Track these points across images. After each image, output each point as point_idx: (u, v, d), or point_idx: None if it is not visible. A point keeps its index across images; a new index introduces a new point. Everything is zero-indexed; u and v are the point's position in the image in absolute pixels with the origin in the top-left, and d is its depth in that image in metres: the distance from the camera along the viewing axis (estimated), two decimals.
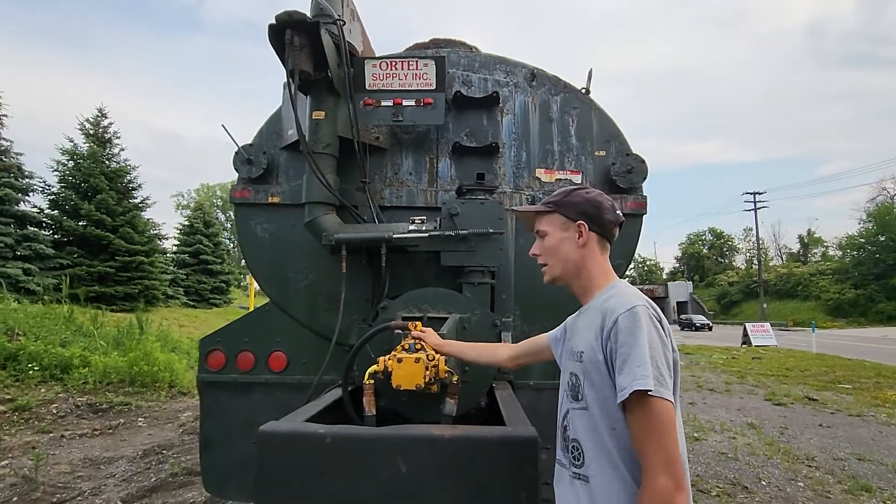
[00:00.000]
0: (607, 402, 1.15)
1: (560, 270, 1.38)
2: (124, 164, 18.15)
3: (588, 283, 1.35)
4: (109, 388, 7.52)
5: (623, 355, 1.11)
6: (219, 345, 2.92)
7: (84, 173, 16.53)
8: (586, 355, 1.21)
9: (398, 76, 2.77)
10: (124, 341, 9.13)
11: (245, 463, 2.72)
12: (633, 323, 1.13)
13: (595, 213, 1.35)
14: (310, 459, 1.48)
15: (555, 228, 1.38)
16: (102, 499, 4.04)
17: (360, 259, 2.79)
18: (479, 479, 1.44)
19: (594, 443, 1.17)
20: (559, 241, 1.37)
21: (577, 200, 1.36)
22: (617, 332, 1.14)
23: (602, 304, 1.25)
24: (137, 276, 16.62)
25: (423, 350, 1.74)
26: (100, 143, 17.74)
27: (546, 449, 1.54)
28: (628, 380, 1.08)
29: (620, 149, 2.96)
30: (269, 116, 3.07)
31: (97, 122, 18.07)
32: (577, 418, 1.22)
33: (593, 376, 1.18)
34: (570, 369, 1.28)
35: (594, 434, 1.17)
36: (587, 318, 1.29)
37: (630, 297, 1.21)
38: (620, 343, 1.12)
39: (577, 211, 1.35)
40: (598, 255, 1.36)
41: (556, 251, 1.37)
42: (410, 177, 2.97)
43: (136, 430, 6.19)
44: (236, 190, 2.96)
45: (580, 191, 1.40)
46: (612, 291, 1.28)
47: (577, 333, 1.31)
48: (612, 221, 1.36)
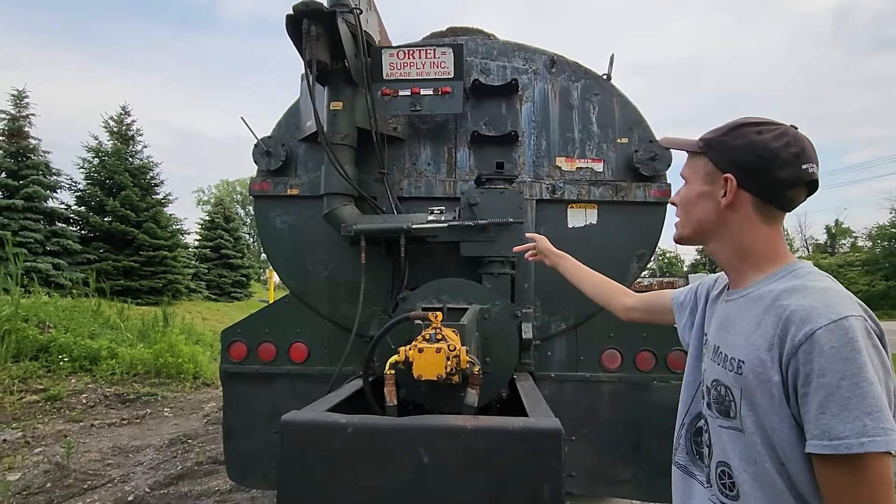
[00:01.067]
0: (776, 433, 0.87)
1: (691, 231, 1.08)
2: (147, 161, 18.51)
3: (741, 260, 1.02)
4: (136, 379, 7.72)
5: (825, 389, 0.79)
6: (240, 336, 2.96)
7: (109, 170, 16.93)
8: (749, 368, 0.90)
9: (416, 65, 2.74)
10: (149, 334, 9.36)
11: (267, 452, 2.76)
12: (845, 343, 0.79)
13: (758, 166, 0.96)
14: (331, 449, 1.48)
15: (696, 176, 1.05)
16: (131, 486, 4.15)
17: (379, 250, 2.79)
18: (501, 470, 1.42)
19: (752, 475, 0.90)
20: (697, 195, 1.04)
21: (739, 144, 0.98)
22: (813, 353, 0.81)
23: (776, 299, 0.90)
24: (161, 271, 16.99)
25: (444, 340, 1.73)
26: (123, 141, 18.13)
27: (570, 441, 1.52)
28: (850, 430, 0.76)
29: (643, 136, 2.89)
30: (287, 108, 3.07)
31: (121, 119, 18.47)
32: (726, 438, 0.96)
33: (758, 397, 0.89)
34: (717, 376, 0.99)
35: (754, 465, 0.90)
36: (747, 310, 0.97)
37: (834, 298, 0.86)
38: (820, 370, 0.80)
39: (731, 159, 0.99)
40: (756, 225, 0.99)
41: (692, 207, 1.06)
42: (429, 167, 2.95)
43: (162, 420, 6.34)
44: (255, 182, 2.97)
45: (751, 128, 0.99)
46: (792, 281, 0.93)
47: (734, 331, 0.98)
48: (787, 181, 0.95)
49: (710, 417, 1.02)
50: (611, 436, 2.71)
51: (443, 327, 1.78)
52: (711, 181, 1.02)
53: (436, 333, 1.75)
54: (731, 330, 0.99)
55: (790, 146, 0.95)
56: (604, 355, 2.79)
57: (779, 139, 0.95)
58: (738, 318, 0.98)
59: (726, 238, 1.03)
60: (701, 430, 1.08)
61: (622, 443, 2.71)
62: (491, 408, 2.49)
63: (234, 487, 4.00)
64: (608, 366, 2.78)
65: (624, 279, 2.84)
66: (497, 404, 2.53)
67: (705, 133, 1.06)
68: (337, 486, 1.45)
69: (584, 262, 2.78)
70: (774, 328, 0.87)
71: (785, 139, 0.95)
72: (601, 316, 2.82)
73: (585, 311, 2.81)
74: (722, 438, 0.97)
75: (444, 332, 1.77)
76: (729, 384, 0.95)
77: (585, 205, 2.85)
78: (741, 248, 1.01)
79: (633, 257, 2.84)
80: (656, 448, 2.68)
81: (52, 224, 15.22)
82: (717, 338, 1.03)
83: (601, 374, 2.77)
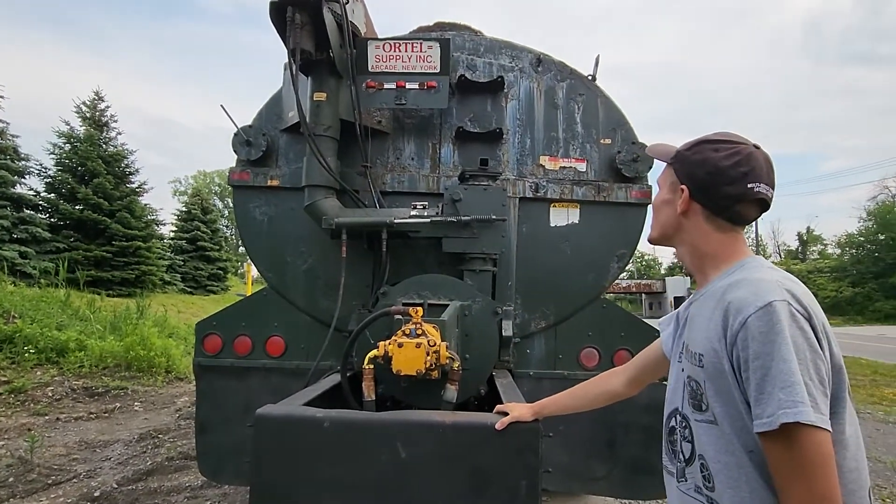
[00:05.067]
0: (739, 419, 0.92)
1: (657, 234, 1.18)
2: (121, 149, 18.00)
3: (699, 261, 1.10)
4: (105, 373, 7.50)
5: (759, 371, 0.86)
6: (215, 329, 2.89)
7: (81, 157, 16.39)
8: (708, 360, 0.97)
9: (402, 58, 2.72)
10: (121, 326, 9.10)
11: (241, 447, 2.70)
12: (770, 327, 0.86)
13: (706, 181, 1.04)
14: (307, 444, 1.45)
15: (664, 184, 1.15)
16: (98, 481, 4.03)
17: (360, 244, 2.76)
18: (479, 466, 1.42)
19: (727, 465, 0.94)
20: (661, 201, 1.15)
21: (696, 159, 1.06)
22: (747, 339, 0.88)
23: (722, 293, 0.98)
24: (134, 262, 16.54)
25: (424, 336, 1.72)
26: (97, 127, 17.59)
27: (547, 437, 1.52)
28: (771, 407, 0.84)
29: (626, 137, 2.91)
30: (269, 98, 3.01)
31: (94, 105, 17.90)
32: (702, 432, 1.00)
33: (719, 388, 0.95)
34: (689, 372, 1.04)
35: (728, 455, 0.94)
36: (705, 307, 1.03)
37: (763, 287, 0.92)
38: (754, 354, 0.87)
39: (686, 172, 1.08)
40: (708, 233, 1.07)
41: (658, 212, 1.16)
42: (413, 162, 2.93)
43: (132, 415, 6.18)
44: (235, 172, 2.91)
45: (710, 145, 1.06)
46: (737, 275, 1.00)
47: (695, 328, 1.05)
48: (733, 197, 1.02)
49: (690, 414, 1.05)
50: (587, 434, 2.74)
51: (423, 323, 1.76)
52: (673, 190, 1.12)
53: (416, 329, 1.74)
54: (694, 327, 1.06)
55: (739, 165, 1.02)
56: (582, 354, 2.81)
57: (730, 158, 1.03)
58: (698, 316, 1.06)
59: (686, 243, 1.12)
60: (674, 429, 1.12)
61: (598, 441, 2.74)
62: (469, 404, 2.49)
63: (205, 483, 3.91)
64: (586, 364, 2.81)
65: (603, 279, 2.87)
66: (475, 401, 2.53)
67: (685, 143, 1.14)
68: (312, 482, 1.43)
69: (565, 261, 2.83)
70: (722, 320, 0.95)
71: (736, 158, 1.02)
72: (580, 315, 2.84)
73: (565, 310, 2.83)
74: (699, 432, 1.01)
75: (425, 327, 1.76)
76: (698, 378, 1.01)
77: (568, 204, 2.87)
78: (697, 251, 1.10)
79: (614, 257, 2.87)
80: (632, 446, 2.71)
81: (19, 211, 14.64)
82: (687, 336, 1.10)
83: (579, 372, 2.80)
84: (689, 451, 1.05)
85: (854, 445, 0.94)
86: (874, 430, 6.45)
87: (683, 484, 1.07)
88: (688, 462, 1.06)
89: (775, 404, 0.84)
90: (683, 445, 1.07)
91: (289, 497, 1.44)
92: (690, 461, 1.05)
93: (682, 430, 1.09)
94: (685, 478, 1.06)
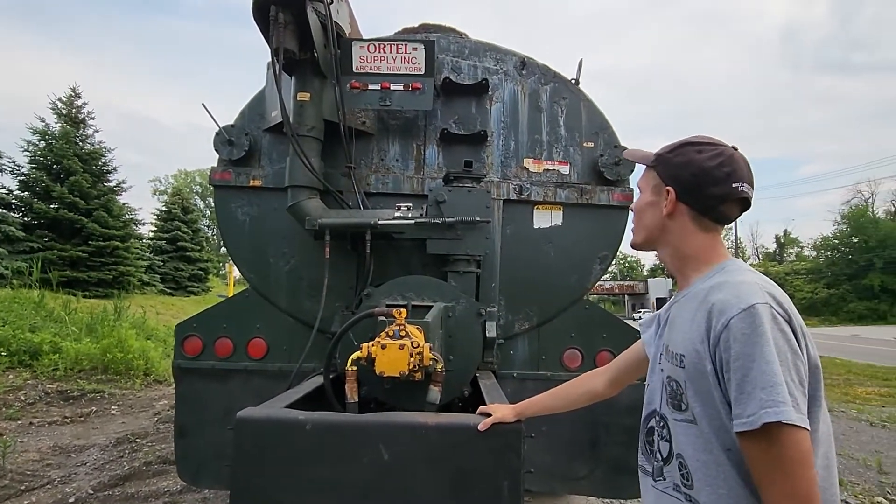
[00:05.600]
0: (717, 419, 0.94)
1: (642, 238, 1.17)
2: (99, 147, 17.56)
3: (681, 263, 1.12)
4: (81, 376, 7.31)
5: (740, 371, 0.88)
6: (196, 331, 2.85)
7: (56, 154, 15.95)
8: (689, 361, 0.99)
9: (386, 59, 2.71)
10: (97, 328, 8.89)
11: (221, 451, 2.66)
12: (753, 329, 0.89)
13: (692, 183, 1.06)
14: (288, 446, 1.44)
15: (647, 187, 1.15)
16: (73, 487, 3.93)
17: (344, 245, 2.74)
18: (462, 467, 1.42)
19: (705, 463, 0.96)
20: (645, 204, 1.15)
21: (680, 161, 1.09)
22: (730, 340, 0.90)
23: (705, 295, 1.00)
24: (112, 262, 16.14)
25: (407, 337, 1.71)
26: (73, 124, 17.13)
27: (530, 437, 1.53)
28: (753, 407, 0.86)
29: (609, 140, 2.95)
30: (251, 97, 2.98)
31: (70, 101, 17.43)
32: (680, 431, 1.02)
33: (699, 387, 0.97)
34: (669, 372, 1.05)
35: (706, 454, 0.96)
36: (686, 309, 1.05)
37: (745, 290, 0.95)
38: (735, 355, 0.89)
39: (671, 174, 1.10)
40: (693, 233, 1.09)
41: (641, 215, 1.16)
42: (397, 163, 2.92)
43: (108, 419, 6.04)
44: (216, 172, 2.87)
45: (693, 147, 1.09)
46: (719, 278, 1.02)
47: (676, 329, 1.07)
48: (719, 197, 1.05)
49: (668, 413, 1.07)
50: (569, 434, 2.76)
51: (407, 324, 1.76)
52: (657, 193, 1.13)
53: (399, 330, 1.73)
54: (675, 328, 1.08)
55: (723, 166, 1.05)
56: (565, 355, 2.84)
57: (714, 159, 1.06)
58: (679, 317, 1.08)
59: (670, 245, 1.13)
60: (652, 429, 1.14)
61: (580, 441, 2.77)
62: (453, 406, 2.50)
63: (184, 488, 3.85)
64: (569, 365, 2.83)
65: (586, 281, 2.90)
66: (459, 402, 2.53)
67: (663, 147, 1.16)
68: (294, 484, 1.42)
69: (549, 263, 2.85)
70: (705, 322, 0.96)
71: (720, 159, 1.06)
72: (563, 316, 2.87)
73: (548, 311, 2.85)
74: (678, 432, 1.03)
75: (408, 329, 1.76)
76: (678, 378, 1.02)
77: (551, 206, 2.89)
78: (681, 253, 1.12)
79: (596, 259, 2.90)
80: (613, 446, 2.75)
81: None
82: (667, 337, 1.11)
83: (562, 373, 2.82)
84: (668, 451, 1.07)
85: (826, 443, 0.97)
86: (847, 427, 6.64)
87: (661, 483, 1.08)
88: (666, 461, 1.07)
89: (756, 404, 0.85)
90: (661, 445, 1.09)
91: (270, 500, 1.42)
92: (668, 460, 1.06)
93: (660, 429, 1.10)
94: (663, 476, 1.08)
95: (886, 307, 32.29)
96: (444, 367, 1.80)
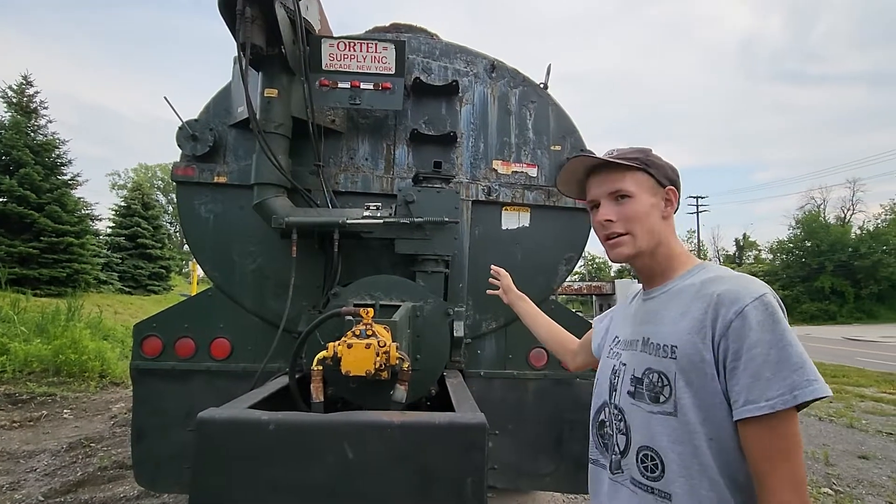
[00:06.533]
0: (712, 409, 0.95)
1: (646, 243, 1.10)
2: (52, 138, 16.75)
3: (668, 262, 1.13)
4: (31, 378, 6.97)
5: (760, 358, 0.90)
6: (155, 330, 2.76)
7: (6, 145, 15.13)
8: (683, 352, 0.99)
9: (356, 58, 2.70)
10: (48, 328, 8.48)
11: (181, 454, 2.60)
12: (768, 315, 0.91)
13: (677, 183, 1.13)
14: (251, 447, 1.42)
15: (642, 191, 1.10)
16: (22, 493, 3.75)
17: (311, 244, 2.71)
18: (426, 465, 1.43)
19: (681, 454, 0.97)
20: (651, 206, 1.10)
21: (663, 163, 1.14)
22: (744, 328, 0.91)
23: (700, 289, 1.02)
24: (65, 259, 15.42)
25: (374, 336, 1.71)
26: (24, 113, 16.29)
27: (494, 434, 1.56)
28: (777, 389, 0.87)
29: (576, 144, 3.02)
30: (217, 92, 2.91)
31: (21, 90, 16.58)
32: (654, 423, 1.01)
33: (693, 378, 0.97)
34: (650, 365, 1.05)
35: (684, 445, 0.97)
36: (671, 302, 1.08)
37: (749, 281, 0.98)
38: (753, 342, 0.90)
39: (665, 175, 1.13)
40: (673, 231, 1.15)
41: (646, 219, 1.10)
42: (366, 162, 2.91)
43: (60, 423, 5.77)
44: (179, 167, 2.79)
45: (651, 152, 1.15)
46: (710, 274, 1.06)
47: (661, 322, 1.07)
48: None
49: (633, 406, 1.07)
50: (535, 431, 2.81)
51: (374, 324, 1.76)
52: (655, 194, 1.12)
53: (366, 329, 1.73)
54: (659, 321, 1.08)
55: None
56: (531, 354, 2.89)
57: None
58: (664, 311, 1.08)
59: (663, 244, 1.13)
60: (603, 422, 1.17)
61: (545, 438, 2.83)
62: (421, 405, 2.51)
63: (142, 493, 3.72)
64: (535, 364, 2.89)
65: (552, 281, 2.96)
66: (427, 402, 2.55)
67: (623, 152, 1.14)
68: (256, 485, 1.40)
69: (516, 264, 2.89)
70: (704, 313, 0.98)
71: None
72: None
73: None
74: (650, 423, 1.03)
75: (375, 328, 1.76)
76: (663, 370, 1.02)
77: (519, 208, 2.94)
78: (673, 252, 1.14)
79: (562, 260, 2.97)
80: (577, 443, 2.81)
81: None
82: (646, 331, 1.11)
83: (528, 371, 2.87)
84: (624, 444, 1.09)
85: None
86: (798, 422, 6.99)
87: (619, 475, 1.10)
88: (623, 454, 1.09)
89: (785, 385, 0.87)
90: (618, 438, 1.11)
91: (232, 502, 1.40)
92: (625, 453, 1.08)
93: (616, 422, 1.12)
94: (620, 469, 1.09)
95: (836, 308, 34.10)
96: (410, 366, 1.80)
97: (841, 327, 28.43)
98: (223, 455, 1.42)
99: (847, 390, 9.19)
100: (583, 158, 1.17)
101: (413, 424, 1.45)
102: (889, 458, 5.40)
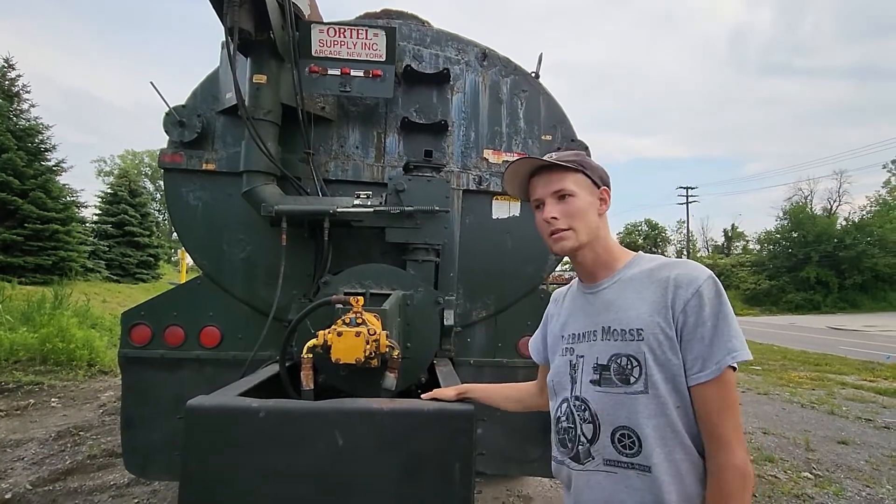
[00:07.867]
0: (675, 380, 1.07)
1: (587, 237, 1.21)
2: (35, 123, 16.42)
3: (608, 255, 1.24)
4: (17, 367, 6.91)
5: (709, 327, 1.05)
6: (144, 318, 2.75)
7: None
8: (649, 332, 1.09)
9: (346, 44, 2.67)
10: (35, 316, 8.39)
11: (171, 442, 2.60)
12: (717, 293, 1.08)
13: (609, 184, 1.27)
14: (240, 435, 1.43)
15: (582, 190, 1.21)
16: (9, 482, 3.73)
17: (301, 232, 2.71)
18: (415, 451, 1.45)
19: (656, 427, 1.06)
20: (589, 204, 1.21)
21: (595, 165, 1.26)
22: (701, 304, 1.06)
23: (651, 275, 1.15)
24: (51, 247, 15.21)
25: (364, 324, 1.72)
26: (6, 97, 15.93)
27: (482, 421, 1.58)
28: (721, 353, 1.04)
29: (566, 134, 3.03)
30: (204, 77, 2.86)
31: (3, 73, 16.21)
32: (630, 404, 1.09)
33: (658, 355, 1.08)
34: (617, 350, 1.13)
35: (658, 418, 1.07)
36: (624, 290, 1.17)
37: (695, 265, 1.14)
38: (707, 315, 1.06)
39: (599, 176, 1.24)
40: (608, 227, 1.27)
41: (586, 216, 1.20)
42: (357, 150, 2.89)
43: (48, 411, 5.74)
44: (166, 154, 2.76)
45: (585, 155, 1.30)
46: (653, 262, 1.19)
47: (619, 309, 1.16)
48: None
49: (599, 393, 1.13)
50: (523, 418, 2.84)
51: (364, 312, 1.77)
52: (592, 193, 1.23)
53: (356, 318, 1.74)
54: (618, 309, 1.17)
55: None
56: (520, 342, 2.92)
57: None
58: (619, 299, 1.18)
59: (601, 239, 1.24)
60: (562, 419, 1.22)
61: (533, 424, 2.86)
62: (412, 392, 2.53)
63: (132, 481, 3.73)
64: (524, 352, 2.91)
65: (542, 270, 2.98)
66: (418, 390, 2.57)
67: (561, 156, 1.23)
68: (246, 472, 1.41)
69: (506, 253, 2.91)
70: (663, 295, 1.11)
71: None
72: (520, 305, 2.94)
73: (505, 300, 2.92)
74: (623, 404, 1.10)
75: (365, 316, 1.77)
76: (632, 353, 1.11)
77: (510, 197, 2.94)
78: (610, 247, 1.25)
79: None
80: None
81: None
82: (604, 320, 1.18)
83: (517, 360, 2.90)
84: (592, 432, 1.14)
85: None
86: (781, 409, 7.13)
87: (590, 463, 1.14)
88: (591, 441, 1.14)
89: (725, 351, 1.04)
90: (584, 428, 1.15)
91: (222, 488, 1.41)
92: (594, 440, 1.13)
93: (580, 413, 1.16)
94: (591, 457, 1.14)
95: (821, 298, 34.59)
96: (400, 353, 1.82)
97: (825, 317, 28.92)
98: (213, 442, 1.42)
99: (829, 378, 9.38)
100: (526, 161, 1.25)
101: (402, 411, 1.47)
102: (867, 443, 5.55)
